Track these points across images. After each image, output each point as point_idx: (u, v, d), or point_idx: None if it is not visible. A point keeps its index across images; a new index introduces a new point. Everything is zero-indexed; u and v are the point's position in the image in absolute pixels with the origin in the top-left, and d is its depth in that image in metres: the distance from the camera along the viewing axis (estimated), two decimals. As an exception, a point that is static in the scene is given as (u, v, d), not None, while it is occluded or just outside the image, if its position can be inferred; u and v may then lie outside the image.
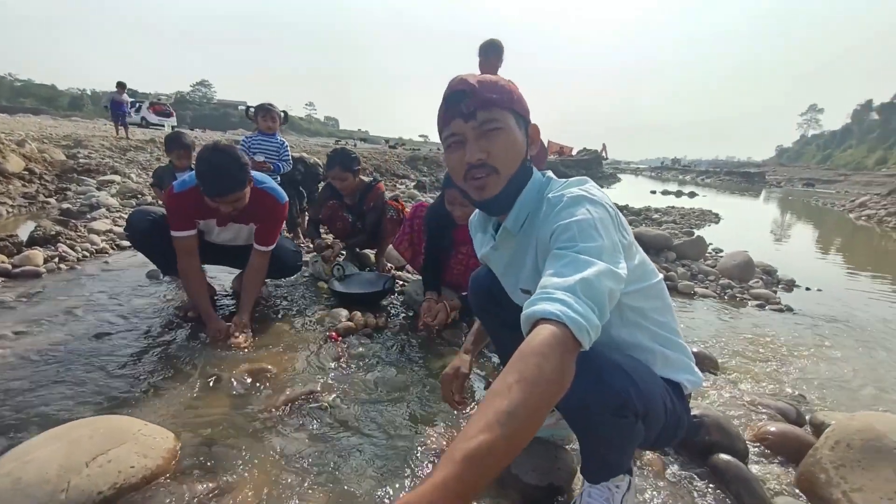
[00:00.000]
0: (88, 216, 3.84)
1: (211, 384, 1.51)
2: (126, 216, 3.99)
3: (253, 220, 1.92)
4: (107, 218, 3.82)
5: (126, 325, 1.91)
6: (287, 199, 1.94)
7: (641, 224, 6.60)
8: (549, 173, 1.00)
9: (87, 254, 2.86)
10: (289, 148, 3.41)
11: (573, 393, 0.80)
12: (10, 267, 2.41)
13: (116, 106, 10.24)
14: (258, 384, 1.52)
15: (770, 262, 4.22)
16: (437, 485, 0.54)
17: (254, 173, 1.84)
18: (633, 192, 16.59)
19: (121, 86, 10.81)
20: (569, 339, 0.65)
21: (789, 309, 3.08)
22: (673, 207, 9.83)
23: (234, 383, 1.50)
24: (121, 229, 3.39)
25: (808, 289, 3.79)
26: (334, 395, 1.48)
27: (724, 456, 1.29)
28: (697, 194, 17.05)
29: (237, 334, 1.78)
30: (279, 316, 2.15)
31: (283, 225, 2.24)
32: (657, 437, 0.94)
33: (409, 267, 3.09)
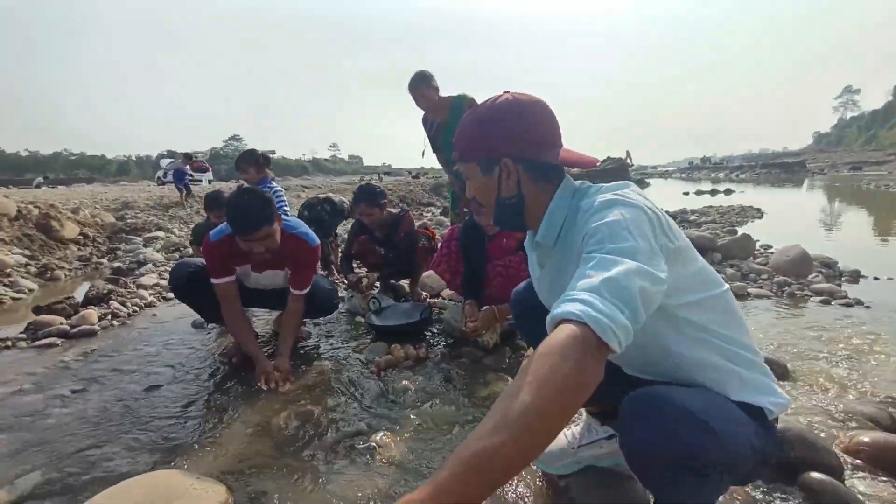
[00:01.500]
0: (137, 272, 4.05)
1: (258, 430, 1.50)
2: (170, 269, 4.22)
3: (286, 265, 1.95)
4: (153, 272, 4.02)
5: (175, 376, 1.95)
6: (318, 241, 1.97)
7: (679, 227, 6.35)
8: (586, 182, 0.96)
9: (137, 308, 2.99)
10: (282, 192, 3.18)
11: (641, 446, 0.73)
12: (67, 328, 2.54)
13: (180, 175, 10.91)
14: (305, 427, 1.50)
15: (828, 255, 3.93)
16: (438, 486, 0.52)
17: (285, 218, 1.88)
18: (665, 195, 16.10)
19: (187, 157, 11.56)
20: (590, 339, 0.60)
21: (859, 302, 2.83)
22: (710, 207, 9.44)
23: (281, 428, 1.49)
24: (166, 282, 3.55)
25: (876, 278, 3.49)
26: (382, 434, 1.43)
27: (815, 474, 1.14)
28: (734, 191, 16.38)
29: (282, 383, 1.78)
30: (320, 355, 2.15)
31: (318, 265, 2.27)
32: (743, 478, 0.83)
33: (443, 293, 3.07)
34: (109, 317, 2.77)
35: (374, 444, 1.38)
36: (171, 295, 3.25)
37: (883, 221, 7.81)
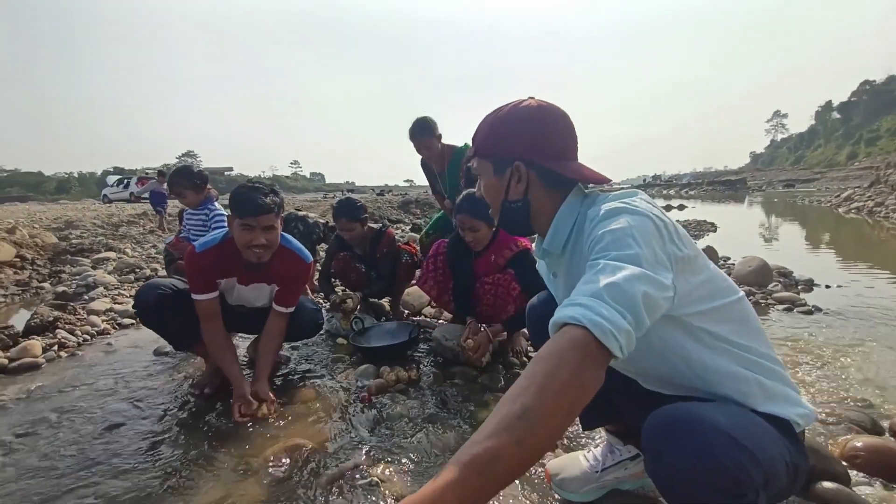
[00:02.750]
0: (86, 297, 3.70)
1: (242, 470, 1.35)
2: (124, 292, 3.88)
3: (276, 280, 1.83)
4: (105, 297, 3.68)
5: (139, 412, 1.75)
6: (312, 259, 1.87)
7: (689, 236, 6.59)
8: (595, 190, 0.95)
9: (88, 337, 2.70)
10: (224, 216, 2.64)
11: (674, 470, 0.69)
12: (6, 361, 2.25)
13: (159, 198, 9.32)
14: (296, 464, 1.36)
15: (782, 264, 4.17)
16: (440, 489, 0.52)
17: (284, 233, 1.80)
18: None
19: (162, 175, 9.25)
20: (590, 343, 0.60)
21: (818, 309, 3.00)
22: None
23: (269, 467, 1.34)
24: (122, 307, 3.25)
25: (828, 286, 3.72)
26: (382, 466, 1.32)
27: (828, 484, 1.15)
28: (686, 206, 17.31)
29: (261, 406, 1.64)
30: (302, 382, 2.00)
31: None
32: (776, 496, 0.81)
33: (424, 311, 2.98)
34: (56, 347, 2.48)
35: (376, 478, 1.26)
36: (128, 321, 3.00)
37: (821, 234, 8.47)
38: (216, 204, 2.80)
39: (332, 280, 2.83)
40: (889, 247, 6.36)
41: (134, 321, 3.00)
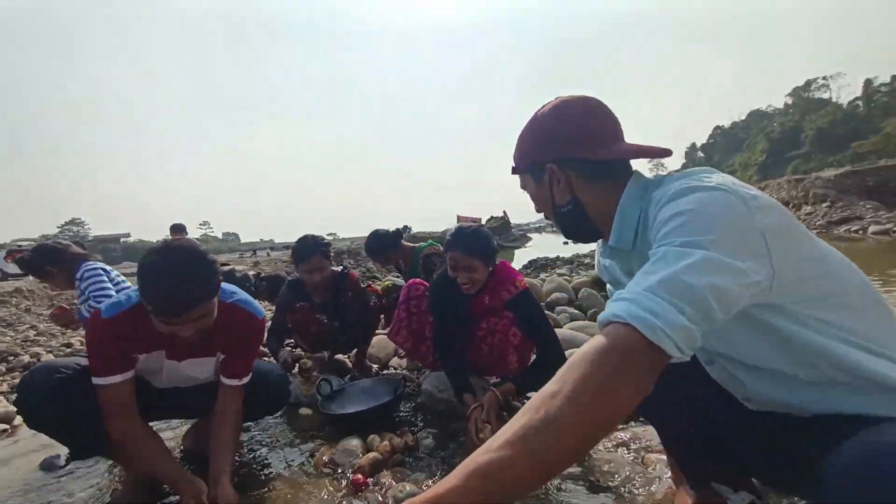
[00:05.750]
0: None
1: None
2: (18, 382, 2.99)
3: (222, 348, 1.37)
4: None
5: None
6: (264, 313, 1.46)
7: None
8: (662, 172, 0.84)
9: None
10: (100, 279, 2.04)
11: None
12: None
13: None
14: None
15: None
16: (440, 495, 0.50)
17: (223, 284, 1.29)
18: (547, 246, 17.55)
19: (178, 229, 7.54)
20: (635, 343, 0.54)
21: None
22: (578, 255, 10.19)
23: None
24: (-9, 407, 2.46)
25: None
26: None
27: None
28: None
29: None
30: (267, 470, 1.54)
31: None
32: None
33: (392, 362, 2.63)
34: None
35: None
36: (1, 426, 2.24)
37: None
38: (88, 268, 2.07)
39: (286, 337, 2.38)
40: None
41: (7, 426, 2.27)
